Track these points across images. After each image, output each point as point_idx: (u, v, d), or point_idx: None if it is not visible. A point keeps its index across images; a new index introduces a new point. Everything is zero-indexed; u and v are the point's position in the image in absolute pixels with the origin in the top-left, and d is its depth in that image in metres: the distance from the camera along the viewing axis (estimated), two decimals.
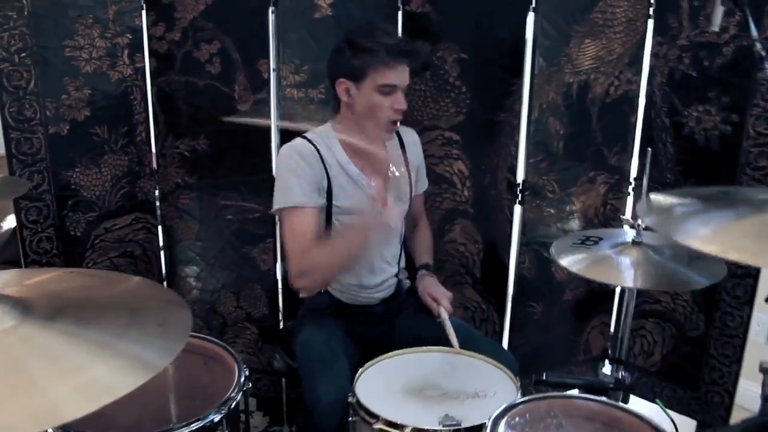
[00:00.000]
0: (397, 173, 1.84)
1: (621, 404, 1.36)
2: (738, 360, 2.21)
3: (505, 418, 1.32)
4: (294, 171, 1.68)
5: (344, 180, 1.75)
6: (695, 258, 1.53)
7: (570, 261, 1.56)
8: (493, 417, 1.31)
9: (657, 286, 1.55)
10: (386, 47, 1.64)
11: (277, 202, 1.71)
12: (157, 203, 2.37)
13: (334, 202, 1.74)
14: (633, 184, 2.36)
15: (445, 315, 1.81)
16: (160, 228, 2.39)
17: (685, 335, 2.33)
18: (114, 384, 0.77)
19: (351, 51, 1.66)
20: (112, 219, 2.28)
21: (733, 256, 0.97)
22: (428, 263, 1.99)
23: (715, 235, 1.04)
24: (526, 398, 1.39)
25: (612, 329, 2.50)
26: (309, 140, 1.75)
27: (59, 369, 0.79)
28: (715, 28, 1.59)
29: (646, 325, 2.43)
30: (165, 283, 2.45)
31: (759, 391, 1.33)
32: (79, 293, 0.98)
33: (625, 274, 1.52)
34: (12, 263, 2.74)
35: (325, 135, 1.78)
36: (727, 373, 2.24)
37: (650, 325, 2.42)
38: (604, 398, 1.38)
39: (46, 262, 2.17)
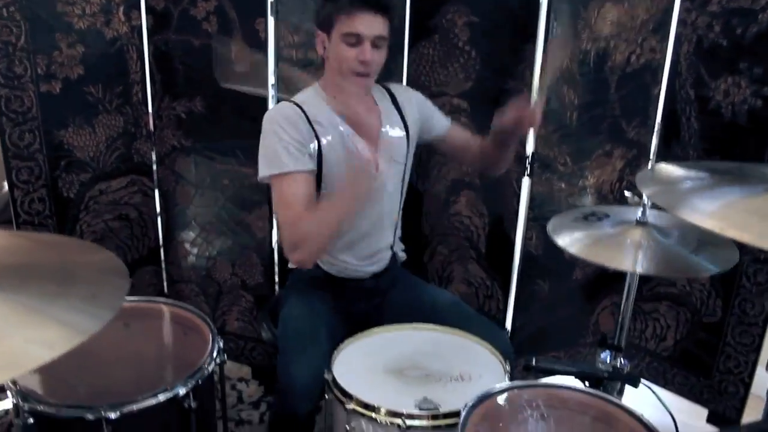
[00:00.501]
0: (390, 133, 1.73)
1: (613, 398, 1.25)
2: (756, 349, 2.09)
3: (481, 408, 1.23)
4: (278, 135, 1.58)
5: (335, 141, 1.65)
6: (704, 243, 1.40)
7: (567, 240, 1.45)
8: (468, 406, 1.22)
9: (660, 271, 1.42)
10: None
11: (263, 170, 1.61)
12: (154, 166, 2.30)
13: (324, 166, 1.64)
14: (652, 160, 2.22)
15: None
16: (157, 191, 2.33)
17: (701, 321, 2.21)
18: (31, 354, 0.70)
19: (323, 0, 1.61)
20: (106, 181, 2.22)
21: (733, 234, 0.86)
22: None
23: (718, 211, 0.92)
24: (506, 386, 1.30)
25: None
26: (295, 103, 1.65)
27: None
28: None
29: (659, 308, 2.31)
30: (162, 249, 2.41)
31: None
32: (14, 259, 0.91)
33: (626, 257, 1.40)
34: (8, 222, 2.73)
35: (313, 95, 1.68)
36: (743, 362, 2.12)
37: (664, 309, 2.30)
38: (593, 390, 1.28)
39: (39, 223, 2.13)
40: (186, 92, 2.14)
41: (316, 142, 1.62)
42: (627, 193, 1.61)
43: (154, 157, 2.28)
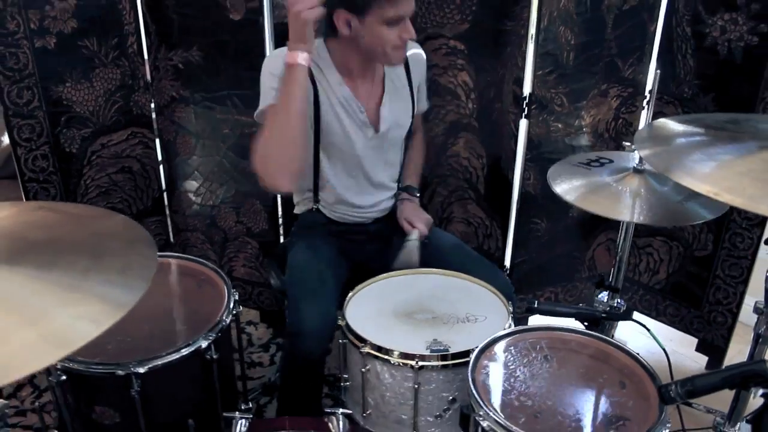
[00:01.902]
0: (394, 104, 1.78)
1: (609, 338, 1.34)
2: (744, 281, 2.18)
3: (490, 351, 1.31)
4: (273, 73, 1.59)
5: (335, 100, 1.67)
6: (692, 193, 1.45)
7: (565, 187, 1.49)
8: (477, 350, 1.29)
9: (656, 221, 1.46)
10: None
11: (260, 106, 1.63)
12: (154, 116, 2.31)
13: (321, 125, 1.66)
14: (648, 98, 2.24)
15: (415, 236, 1.76)
16: (158, 142, 2.34)
17: (693, 255, 2.29)
18: (71, 336, 0.76)
19: None
20: (107, 134, 2.23)
21: (726, 198, 0.90)
22: (411, 185, 1.91)
23: (711, 174, 0.96)
24: (512, 330, 1.38)
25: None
26: None
27: (22, 319, 0.78)
28: None
29: (653, 243, 2.39)
30: (165, 197, 2.44)
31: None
32: (42, 233, 0.95)
33: (622, 206, 1.45)
34: (13, 178, 2.74)
35: (317, 53, 1.68)
36: (732, 293, 2.21)
37: (658, 243, 2.38)
38: (591, 332, 1.36)
39: (44, 180, 2.15)
40: (182, 42, 2.12)
41: (312, 88, 1.63)
42: (625, 142, 1.64)
43: (153, 109, 2.28)
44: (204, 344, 1.39)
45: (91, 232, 0.98)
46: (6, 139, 2.62)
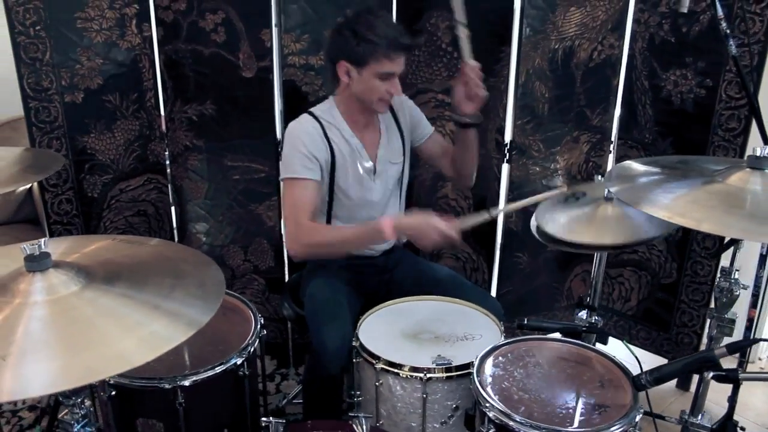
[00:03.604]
0: (388, 142, 2.01)
1: (590, 345, 1.56)
2: (706, 304, 2.42)
3: (490, 358, 1.53)
4: (295, 146, 1.85)
5: (346, 151, 1.90)
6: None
7: (553, 227, 1.73)
8: (479, 356, 1.51)
9: (633, 239, 1.71)
10: (388, 42, 1.76)
11: (281, 173, 1.90)
12: (168, 163, 2.51)
13: (337, 174, 1.90)
14: (614, 143, 2.52)
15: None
16: (170, 187, 2.54)
17: (660, 282, 2.54)
18: (170, 335, 0.95)
19: (355, 39, 1.77)
20: (126, 180, 2.42)
21: (678, 220, 1.15)
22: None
23: (668, 204, 1.22)
24: (508, 340, 1.60)
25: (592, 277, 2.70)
26: (315, 117, 1.90)
27: (123, 325, 0.97)
28: (684, 9, 1.72)
29: (624, 273, 2.64)
30: (176, 239, 2.62)
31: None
32: (127, 259, 1.15)
33: (605, 232, 1.69)
34: (29, 222, 2.91)
35: (329, 110, 1.92)
36: (696, 316, 2.46)
37: (628, 273, 2.63)
38: (575, 340, 1.58)
39: (67, 222, 2.33)
40: (197, 97, 2.33)
41: (330, 154, 1.87)
42: (597, 177, 1.90)
43: (167, 157, 2.48)
44: (238, 361, 1.58)
45: (163, 256, 1.18)
46: (21, 186, 2.81)
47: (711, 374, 1.19)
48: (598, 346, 1.92)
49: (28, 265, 1.05)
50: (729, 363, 2.46)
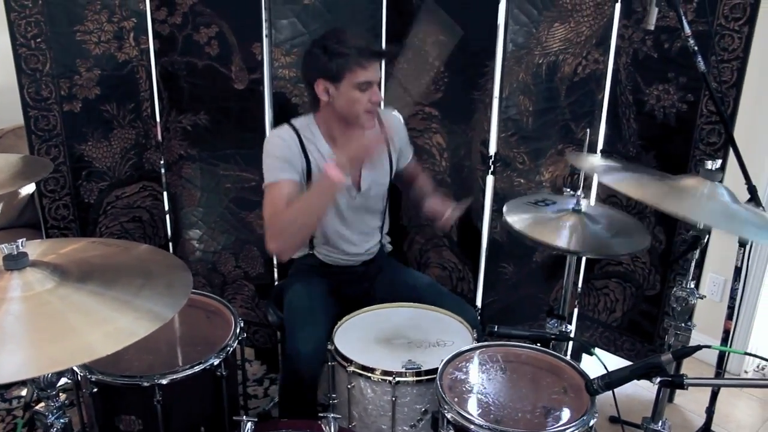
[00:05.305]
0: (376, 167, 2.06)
1: (557, 353, 1.61)
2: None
3: (455, 362, 1.58)
4: (272, 153, 1.90)
5: (322, 165, 1.95)
6: (623, 231, 1.77)
7: (516, 219, 1.79)
8: (444, 360, 1.56)
9: (587, 251, 1.78)
10: (359, 50, 1.82)
11: (268, 179, 1.93)
12: (163, 171, 2.58)
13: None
14: (599, 156, 2.57)
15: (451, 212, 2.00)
16: (165, 195, 2.61)
17: (644, 294, 2.57)
18: (134, 330, 1.01)
19: (326, 55, 1.83)
20: (121, 187, 2.50)
21: (635, 194, 1.24)
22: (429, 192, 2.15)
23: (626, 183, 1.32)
24: (473, 346, 1.64)
25: (579, 288, 2.74)
26: (293, 127, 1.96)
27: (92, 320, 1.03)
28: (650, 27, 1.77)
29: (609, 284, 2.67)
30: (170, 245, 2.70)
31: (712, 342, 1.57)
32: (101, 260, 1.22)
33: (561, 236, 1.75)
34: (30, 226, 3.00)
35: (307, 126, 1.97)
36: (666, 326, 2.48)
37: (613, 285, 2.66)
38: (536, 346, 1.63)
39: (64, 227, 2.41)
40: (191, 107, 2.42)
41: (305, 162, 1.93)
42: (566, 189, 1.96)
43: (162, 165, 2.56)
44: (216, 362, 1.64)
45: (136, 258, 1.25)
46: (23, 191, 2.90)
47: (658, 379, 1.24)
48: (585, 357, 1.97)
49: (7, 263, 1.12)
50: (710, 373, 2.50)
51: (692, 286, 1.60)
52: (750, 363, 2.81)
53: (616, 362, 2.53)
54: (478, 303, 2.60)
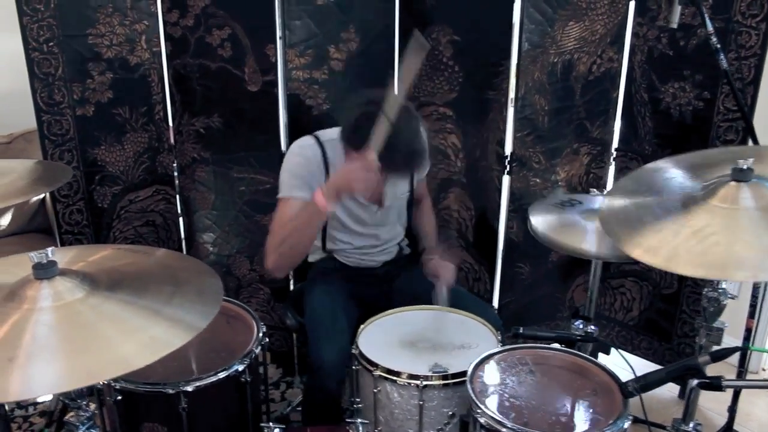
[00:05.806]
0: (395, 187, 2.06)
1: (584, 354, 1.59)
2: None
3: (485, 365, 1.56)
4: (290, 169, 1.91)
5: None
6: None
7: (541, 222, 1.77)
8: (474, 364, 1.54)
9: (613, 255, 1.75)
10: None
11: (282, 193, 1.93)
12: (176, 174, 2.56)
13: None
14: (614, 155, 2.56)
15: (442, 291, 1.99)
16: (178, 198, 2.60)
17: (661, 293, 2.55)
18: (169, 340, 1.00)
19: (364, 131, 1.72)
20: (135, 191, 2.48)
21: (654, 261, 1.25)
22: (430, 246, 2.17)
23: (650, 245, 1.31)
24: (502, 348, 1.63)
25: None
26: (319, 143, 1.94)
27: (124, 330, 1.02)
28: (674, 25, 1.75)
29: (625, 283, 2.66)
30: (184, 249, 2.68)
31: (730, 342, 1.55)
32: (130, 267, 1.20)
33: (588, 240, 1.73)
34: (41, 231, 2.98)
35: (332, 142, 1.93)
36: (696, 326, 2.47)
37: (629, 284, 2.65)
38: (569, 349, 1.61)
39: (78, 232, 2.39)
40: (204, 110, 2.40)
41: (325, 179, 1.88)
42: (592, 190, 1.94)
43: (175, 168, 2.54)
44: (240, 368, 1.62)
45: (162, 264, 1.23)
46: (33, 197, 2.88)
47: (695, 382, 1.22)
48: (601, 356, 1.95)
49: (36, 272, 1.10)
50: (731, 374, 2.49)
51: (724, 286, 1.58)
52: (766, 361, 2.80)
53: (632, 361, 2.51)
54: (495, 303, 2.59)
